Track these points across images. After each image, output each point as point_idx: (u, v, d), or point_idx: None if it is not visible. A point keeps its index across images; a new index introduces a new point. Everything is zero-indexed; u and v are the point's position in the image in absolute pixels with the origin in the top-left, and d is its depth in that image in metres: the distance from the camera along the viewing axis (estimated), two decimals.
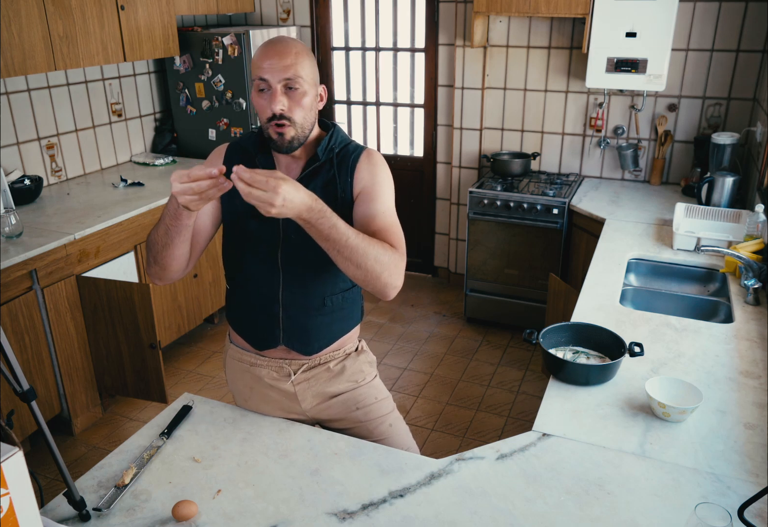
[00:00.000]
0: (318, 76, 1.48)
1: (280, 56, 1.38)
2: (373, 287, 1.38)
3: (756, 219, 2.44)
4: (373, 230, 1.43)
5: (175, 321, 3.43)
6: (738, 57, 3.35)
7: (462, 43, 3.82)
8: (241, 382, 1.69)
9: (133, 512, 1.29)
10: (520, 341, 3.72)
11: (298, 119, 1.42)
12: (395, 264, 1.37)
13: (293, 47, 1.41)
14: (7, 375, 1.13)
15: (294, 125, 1.42)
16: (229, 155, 1.57)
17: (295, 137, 1.43)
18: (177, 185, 1.23)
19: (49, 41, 2.87)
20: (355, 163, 1.50)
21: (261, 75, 1.39)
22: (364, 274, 1.34)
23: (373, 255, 1.32)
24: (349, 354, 1.67)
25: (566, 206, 3.39)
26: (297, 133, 1.43)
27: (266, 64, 1.38)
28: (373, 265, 1.33)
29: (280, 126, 1.41)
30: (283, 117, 1.40)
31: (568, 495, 1.31)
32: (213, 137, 3.98)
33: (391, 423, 1.68)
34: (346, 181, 1.49)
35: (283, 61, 1.38)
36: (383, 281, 1.36)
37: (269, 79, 1.38)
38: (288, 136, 1.42)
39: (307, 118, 1.44)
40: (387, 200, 1.49)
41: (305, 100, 1.42)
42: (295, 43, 1.43)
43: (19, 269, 2.54)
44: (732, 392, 1.66)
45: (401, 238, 1.46)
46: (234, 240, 1.57)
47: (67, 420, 2.91)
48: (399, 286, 1.41)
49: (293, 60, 1.39)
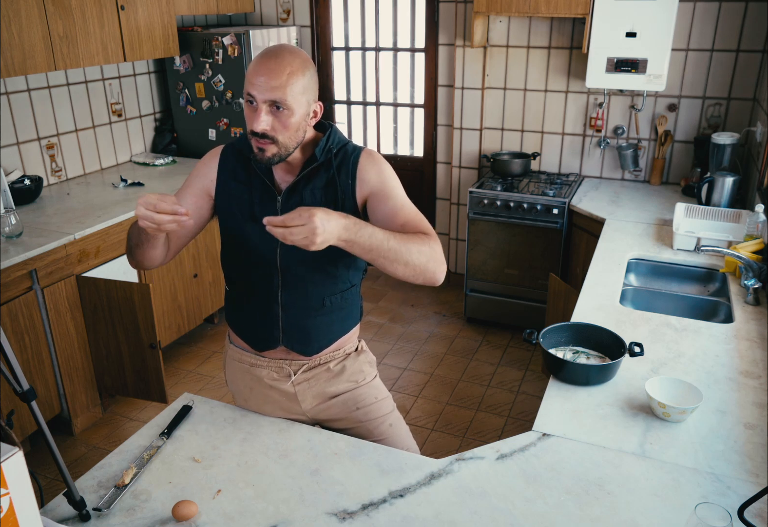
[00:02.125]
0: (316, 93, 1.43)
1: (270, 75, 1.33)
2: (423, 278, 1.40)
3: (756, 219, 2.44)
4: (399, 225, 1.43)
5: (175, 321, 3.43)
6: (738, 57, 3.35)
7: (462, 43, 3.82)
8: (241, 383, 1.69)
9: (133, 512, 1.29)
10: (520, 341, 3.72)
11: (282, 139, 1.38)
12: (434, 249, 1.40)
13: (288, 66, 1.34)
14: (7, 375, 1.13)
15: (276, 144, 1.39)
16: (224, 157, 1.56)
17: (276, 154, 1.40)
18: (141, 209, 1.25)
19: (49, 41, 2.87)
20: (356, 164, 1.48)
21: (249, 90, 1.36)
22: (413, 270, 1.36)
23: (416, 249, 1.35)
24: (349, 354, 1.67)
25: (566, 206, 3.39)
26: (279, 151, 1.40)
27: (256, 80, 1.34)
28: (418, 257, 1.35)
29: (262, 144, 1.38)
30: (265, 136, 1.37)
31: (568, 495, 1.31)
32: (213, 137, 3.98)
33: (391, 423, 1.68)
34: (347, 183, 1.48)
35: (272, 81, 1.33)
36: (431, 269, 1.39)
37: (256, 97, 1.35)
38: (269, 153, 1.39)
39: (293, 139, 1.40)
40: (400, 193, 1.50)
41: (291, 121, 1.37)
42: (293, 59, 1.36)
43: (19, 269, 2.54)
44: (732, 393, 1.66)
45: (427, 222, 1.48)
46: (232, 244, 1.57)
47: (67, 420, 2.90)
48: (445, 268, 1.43)
49: (284, 81, 1.33)
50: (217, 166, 1.56)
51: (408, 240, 1.35)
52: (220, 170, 1.55)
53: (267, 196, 1.50)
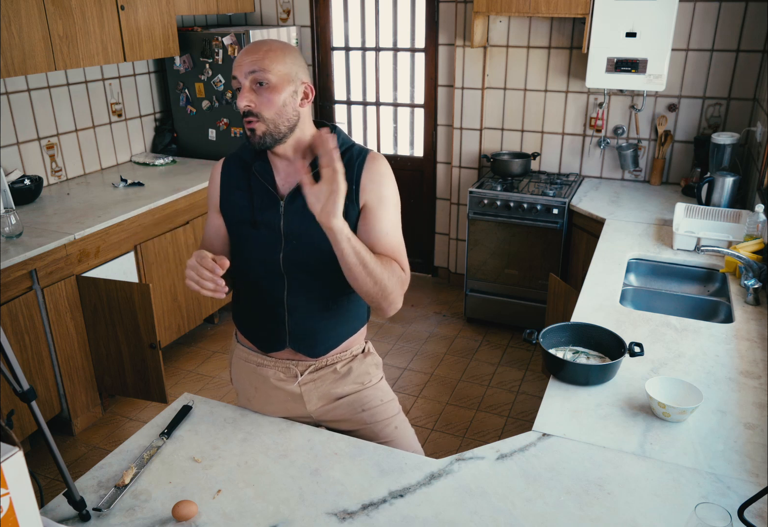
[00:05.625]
0: (302, 74, 1.43)
1: (249, 52, 1.38)
2: (379, 304, 1.44)
3: (756, 219, 2.44)
4: (379, 251, 1.46)
5: (175, 321, 3.43)
6: (738, 57, 3.35)
7: (462, 43, 3.82)
8: (246, 382, 1.69)
9: (133, 512, 1.29)
10: (520, 341, 3.72)
11: (268, 115, 1.39)
12: (401, 285, 1.46)
13: (267, 45, 1.39)
14: (7, 375, 1.13)
15: (264, 121, 1.39)
16: (225, 169, 1.57)
17: (266, 133, 1.40)
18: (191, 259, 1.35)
19: (49, 41, 2.87)
20: (361, 169, 1.47)
21: (233, 73, 1.40)
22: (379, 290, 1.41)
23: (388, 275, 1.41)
24: (356, 356, 1.66)
25: (566, 206, 3.39)
26: (268, 128, 1.40)
27: (238, 62, 1.39)
28: (388, 283, 1.41)
29: (249, 123, 1.40)
30: (250, 113, 1.39)
31: (568, 495, 1.31)
32: (213, 137, 3.98)
33: (396, 426, 1.68)
34: (351, 188, 1.46)
35: (251, 56, 1.37)
36: (390, 299, 1.44)
37: (238, 76, 1.39)
38: (259, 131, 1.40)
39: (281, 115, 1.40)
40: (392, 217, 1.50)
41: (275, 96, 1.38)
42: (273, 42, 1.41)
43: (19, 269, 2.54)
44: (732, 393, 1.66)
45: (405, 257, 1.52)
46: (237, 248, 1.57)
47: (67, 420, 2.90)
48: (400, 306, 1.48)
49: (262, 55, 1.37)
50: (220, 180, 1.57)
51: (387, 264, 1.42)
52: (223, 183, 1.56)
53: (269, 201, 1.49)
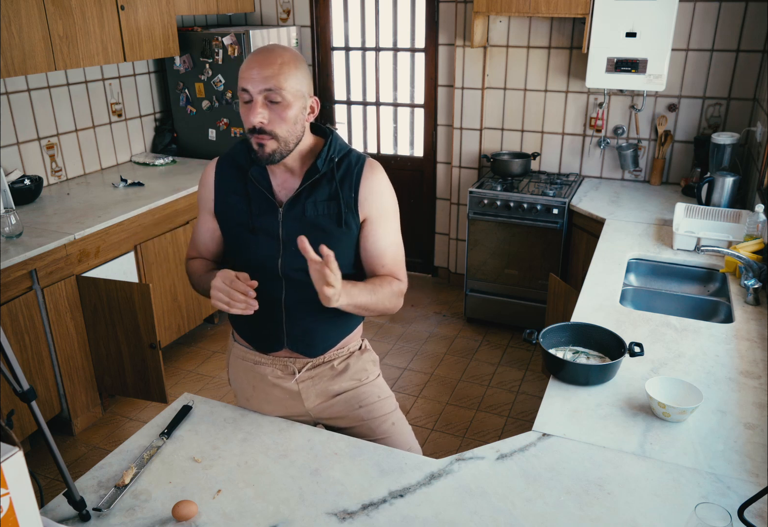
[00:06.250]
0: (310, 88, 1.43)
1: (262, 66, 1.34)
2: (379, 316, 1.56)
3: (756, 219, 2.44)
4: (381, 264, 1.53)
5: (175, 321, 3.43)
6: (738, 57, 3.35)
7: (462, 43, 3.82)
8: (244, 380, 1.69)
9: (133, 512, 1.29)
10: (520, 341, 3.72)
11: (281, 133, 1.38)
12: (398, 297, 1.55)
13: (279, 57, 1.35)
14: (7, 375, 1.13)
15: (276, 139, 1.38)
16: (219, 171, 1.56)
17: (276, 151, 1.40)
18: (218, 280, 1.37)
19: (49, 41, 2.87)
20: (359, 178, 1.47)
21: (243, 85, 1.36)
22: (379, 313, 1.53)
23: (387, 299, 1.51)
24: (353, 353, 1.67)
25: (566, 206, 3.39)
26: (279, 146, 1.40)
27: (249, 73, 1.35)
28: (385, 306, 1.52)
29: (261, 139, 1.38)
30: (263, 131, 1.37)
31: (568, 495, 1.31)
32: (213, 137, 3.98)
33: (393, 422, 1.68)
34: (350, 196, 1.47)
35: (264, 71, 1.33)
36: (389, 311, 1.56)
37: (250, 90, 1.35)
38: (269, 149, 1.39)
39: (292, 132, 1.40)
40: (393, 226, 1.55)
41: (288, 113, 1.37)
42: (284, 52, 1.37)
43: (19, 269, 2.54)
44: (732, 393, 1.66)
45: (403, 267, 1.59)
46: (235, 253, 1.57)
47: (67, 420, 2.90)
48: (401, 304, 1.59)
49: (277, 70, 1.34)
50: (213, 183, 1.56)
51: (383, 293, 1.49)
52: (217, 186, 1.55)
53: (267, 207, 1.48)
